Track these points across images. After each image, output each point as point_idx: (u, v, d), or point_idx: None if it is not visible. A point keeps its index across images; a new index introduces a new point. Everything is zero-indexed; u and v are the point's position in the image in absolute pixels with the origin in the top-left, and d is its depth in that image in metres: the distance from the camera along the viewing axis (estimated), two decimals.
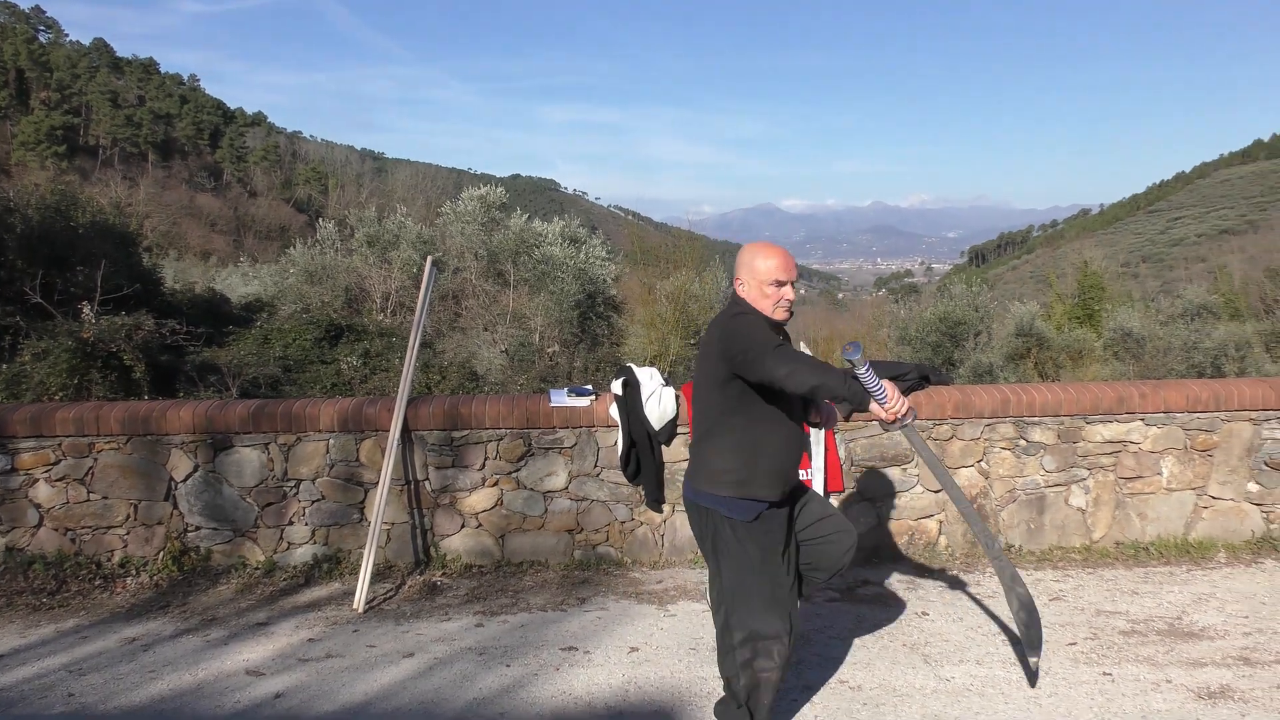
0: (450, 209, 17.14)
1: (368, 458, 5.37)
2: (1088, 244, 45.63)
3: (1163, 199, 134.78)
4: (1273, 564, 5.41)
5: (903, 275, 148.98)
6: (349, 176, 57.13)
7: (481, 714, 3.75)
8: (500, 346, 13.99)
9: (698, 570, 5.38)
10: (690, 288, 15.87)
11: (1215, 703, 3.82)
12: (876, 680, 4.04)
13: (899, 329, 17.50)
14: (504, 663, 4.22)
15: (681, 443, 5.45)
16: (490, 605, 4.91)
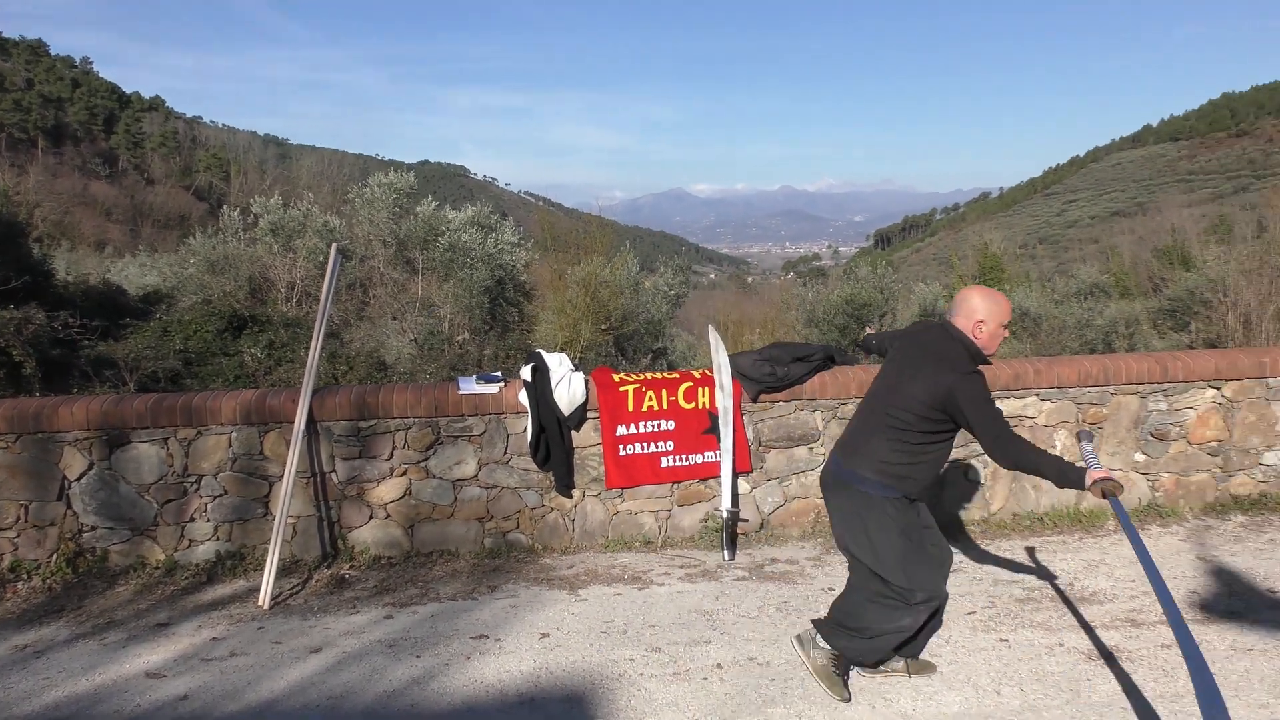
0: (358, 196, 16.82)
1: (272, 451, 5.26)
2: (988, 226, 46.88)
3: (1058, 182, 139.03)
4: (1157, 529, 5.65)
5: (811, 258, 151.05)
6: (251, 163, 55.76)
7: (391, 707, 3.72)
8: (409, 335, 13.80)
9: (608, 554, 5.41)
10: (601, 274, 15.85)
11: (1105, 663, 3.99)
12: (785, 656, 4.11)
13: (806, 311, 17.74)
14: (414, 654, 4.19)
15: (591, 427, 5.46)
16: (400, 597, 4.87)
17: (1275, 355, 5.95)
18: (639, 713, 3.63)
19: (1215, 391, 5.91)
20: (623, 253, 17.23)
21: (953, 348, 3.60)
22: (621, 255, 17.12)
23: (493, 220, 15.53)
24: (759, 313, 24.35)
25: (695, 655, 4.14)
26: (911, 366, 3.63)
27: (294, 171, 26.90)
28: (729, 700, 3.72)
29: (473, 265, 14.24)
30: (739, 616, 4.55)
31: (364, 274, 15.98)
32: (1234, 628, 4.30)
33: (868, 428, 3.70)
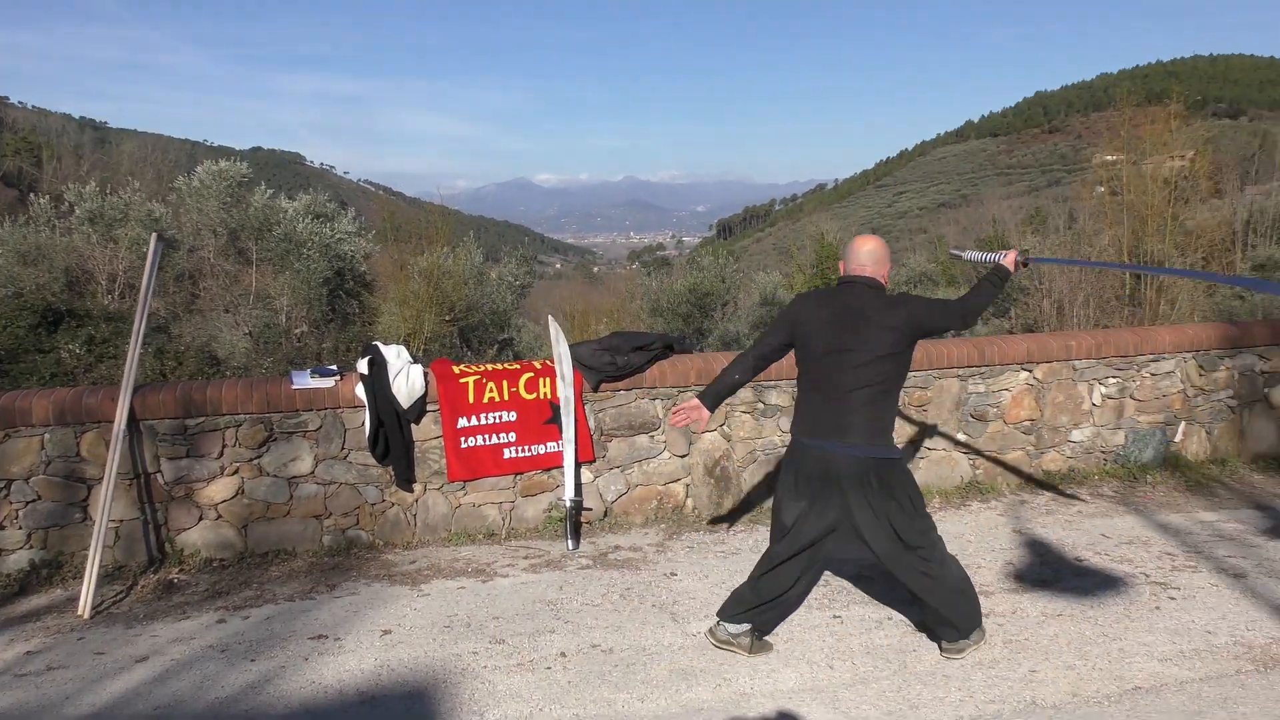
0: (185, 183, 16.07)
1: (90, 452, 4.99)
2: (824, 217, 48.35)
3: (889, 174, 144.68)
4: (978, 505, 5.97)
5: (655, 248, 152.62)
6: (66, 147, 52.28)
7: (225, 715, 3.60)
8: (244, 329, 13.31)
9: (452, 548, 5.37)
10: (444, 264, 15.64)
11: (930, 634, 4.20)
12: (628, 642, 4.18)
13: (651, 301, 17.96)
14: (249, 658, 4.06)
15: (432, 420, 5.40)
16: (233, 600, 4.70)
17: (1081, 339, 6.37)
18: (481, 705, 3.62)
19: (1028, 374, 6.29)
20: (466, 243, 17.04)
21: (883, 294, 3.92)
22: (465, 245, 16.93)
23: (330, 209, 15.11)
24: (605, 303, 24.50)
25: (539, 645, 4.15)
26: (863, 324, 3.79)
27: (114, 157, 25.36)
28: (573, 688, 3.75)
29: (310, 256, 13.83)
30: (583, 605, 4.59)
31: (193, 265, 15.30)
32: (1045, 595, 4.59)
33: (866, 403, 3.79)
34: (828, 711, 3.55)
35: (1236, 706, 3.52)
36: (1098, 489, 6.23)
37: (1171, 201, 17.58)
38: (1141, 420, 6.53)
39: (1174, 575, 4.81)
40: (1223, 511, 5.81)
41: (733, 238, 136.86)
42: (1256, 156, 33.44)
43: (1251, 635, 4.12)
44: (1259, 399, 6.77)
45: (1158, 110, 18.71)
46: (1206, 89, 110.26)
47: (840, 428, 3.75)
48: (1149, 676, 3.78)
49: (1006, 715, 3.50)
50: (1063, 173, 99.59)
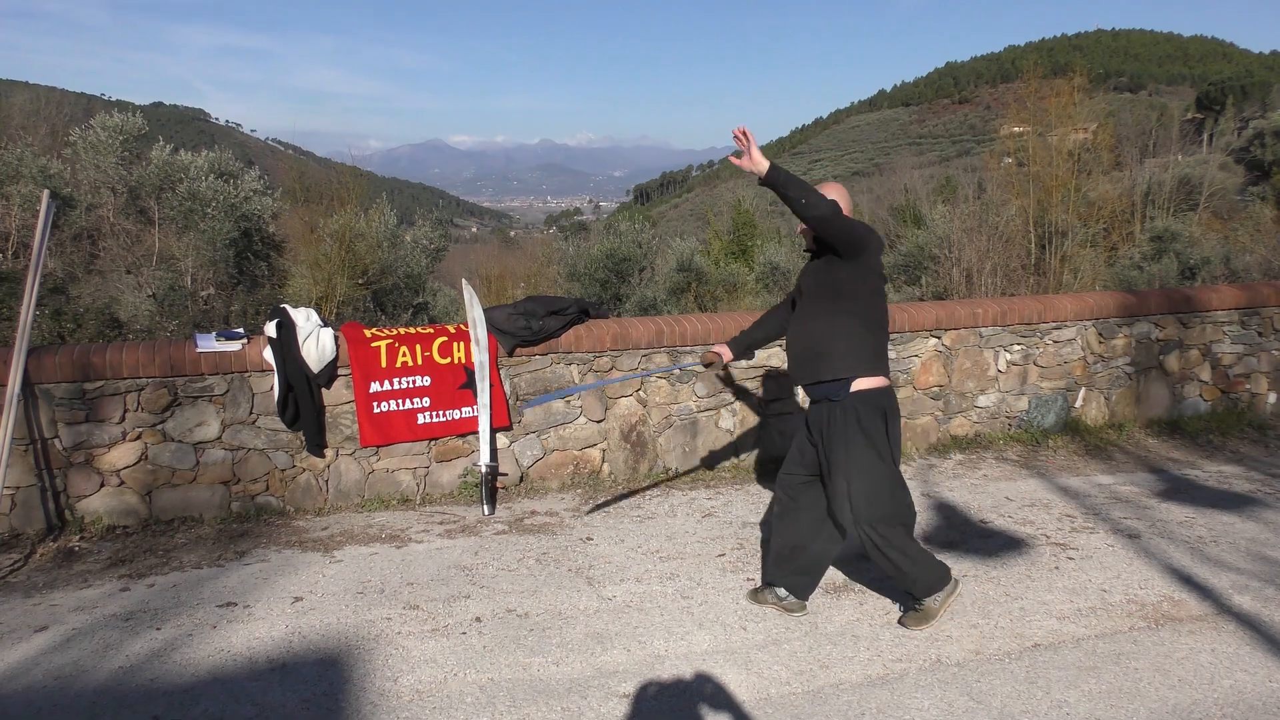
0: (81, 138, 15.42)
1: None
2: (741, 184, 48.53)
3: (804, 142, 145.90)
4: None
5: (572, 213, 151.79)
6: None
7: (129, 682, 3.51)
8: (147, 290, 12.87)
9: (365, 514, 5.30)
10: (356, 226, 15.32)
11: (839, 595, 4.30)
12: (543, 606, 4.18)
13: (568, 266, 17.85)
14: (154, 626, 3.96)
15: (343, 384, 5.31)
16: (137, 567, 4.58)
17: (987, 306, 6.52)
18: (396, 671, 3.59)
19: (937, 340, 6.42)
20: (379, 205, 16.71)
21: None
22: (378, 207, 16.60)
23: (236, 167, 14.63)
24: (521, 267, 24.29)
25: (454, 610, 4.13)
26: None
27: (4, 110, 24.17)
28: (487, 653, 3.75)
29: (214, 216, 13.40)
30: (499, 570, 4.58)
31: (92, 224, 14.69)
32: (950, 556, 4.71)
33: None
34: (740, 672, 3.61)
35: (1129, 662, 3.67)
36: (1003, 453, 6.41)
37: (1075, 173, 18.04)
38: (1044, 386, 6.73)
39: (1073, 536, 4.99)
40: (1119, 475, 6.04)
41: (650, 203, 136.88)
42: (1155, 130, 34.46)
43: (1144, 594, 4.30)
44: (1154, 366, 7.03)
45: (1062, 83, 19.13)
46: (1108, 63, 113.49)
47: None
48: (1048, 634, 3.92)
49: (913, 673, 3.60)
50: (972, 143, 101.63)
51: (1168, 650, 3.77)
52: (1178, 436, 6.83)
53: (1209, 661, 3.67)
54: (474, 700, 3.39)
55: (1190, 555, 4.72)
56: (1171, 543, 4.88)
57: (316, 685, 3.50)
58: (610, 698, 3.42)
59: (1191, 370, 7.16)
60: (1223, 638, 3.87)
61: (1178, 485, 5.82)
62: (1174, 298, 7.06)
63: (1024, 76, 21.09)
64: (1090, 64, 23.42)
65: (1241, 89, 73.54)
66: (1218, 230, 22.72)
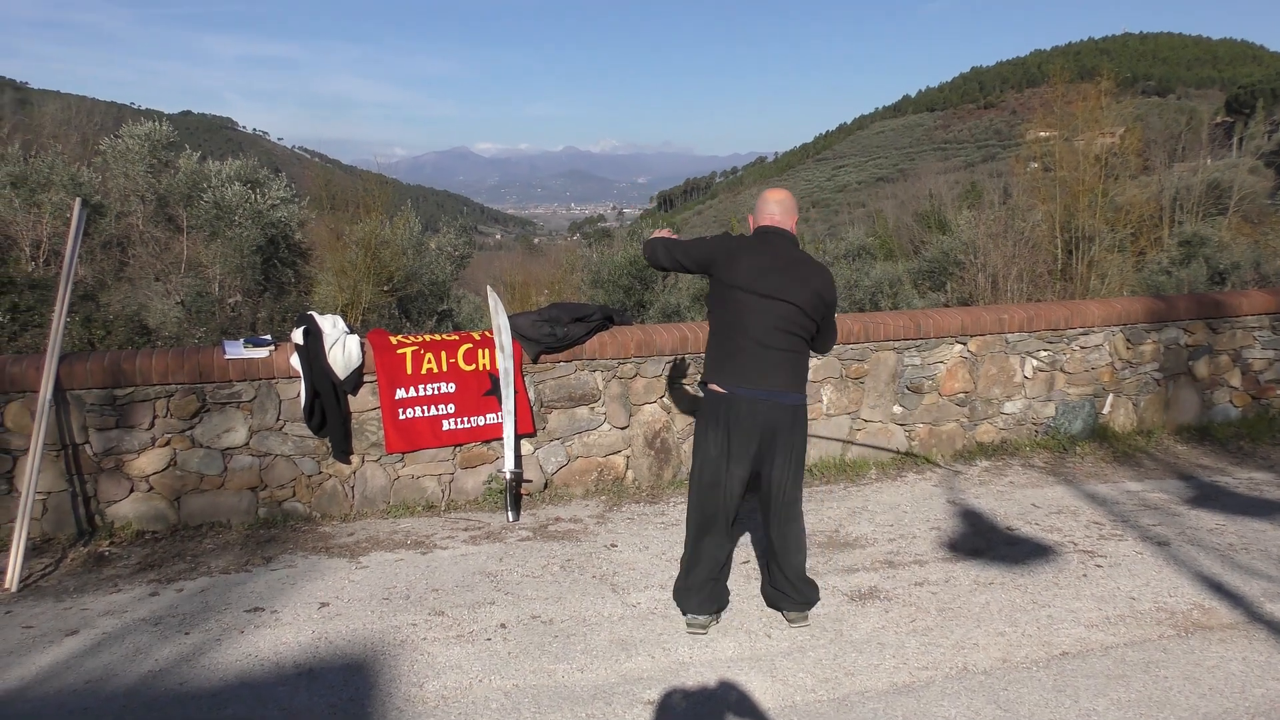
0: (111, 147, 15.59)
1: (15, 422, 4.85)
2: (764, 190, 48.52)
3: (828, 148, 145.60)
4: (914, 477, 6.07)
5: (596, 220, 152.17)
6: None
7: (158, 686, 3.55)
8: (175, 297, 12.99)
9: (390, 520, 5.33)
10: (382, 233, 15.42)
11: (865, 603, 4.28)
12: (568, 612, 4.19)
13: (592, 272, 17.87)
14: (183, 630, 4.00)
15: (369, 391, 5.34)
16: (166, 572, 4.62)
17: (1013, 312, 6.48)
18: (421, 676, 3.61)
19: (962, 347, 6.39)
20: (404, 212, 16.81)
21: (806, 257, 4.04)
22: (403, 214, 16.70)
23: (262, 175, 14.76)
24: (545, 274, 24.36)
25: (479, 617, 4.15)
26: (790, 278, 3.89)
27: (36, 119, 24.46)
28: (513, 659, 3.76)
29: (241, 223, 13.52)
30: (523, 576, 4.59)
31: (121, 231, 14.86)
32: (977, 564, 4.69)
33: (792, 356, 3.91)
34: (766, 679, 3.60)
35: (1159, 670, 3.64)
36: (1029, 460, 6.36)
37: (1102, 177, 17.92)
38: (1071, 393, 6.68)
39: (1101, 544, 4.95)
40: (1148, 481, 5.98)
41: (674, 210, 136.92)
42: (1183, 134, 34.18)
43: (1173, 601, 4.25)
44: (1183, 372, 6.96)
45: (1089, 87, 19.03)
46: (1136, 67, 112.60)
47: (768, 374, 3.84)
48: (1076, 642, 3.89)
49: (939, 681, 3.58)
50: (998, 148, 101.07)
51: (1198, 659, 3.73)
52: (1207, 443, 6.75)
53: (1240, 670, 3.63)
54: (499, 706, 3.40)
55: (1220, 563, 4.67)
56: (1201, 550, 4.83)
57: (343, 691, 3.52)
58: (635, 704, 3.42)
59: (1221, 376, 7.08)
60: (1254, 646, 3.82)
61: (1207, 492, 5.76)
62: (1203, 303, 6.99)
63: (1050, 81, 20.99)
64: (1117, 68, 23.31)
65: (1272, 92, 72.79)
66: (1248, 235, 22.50)
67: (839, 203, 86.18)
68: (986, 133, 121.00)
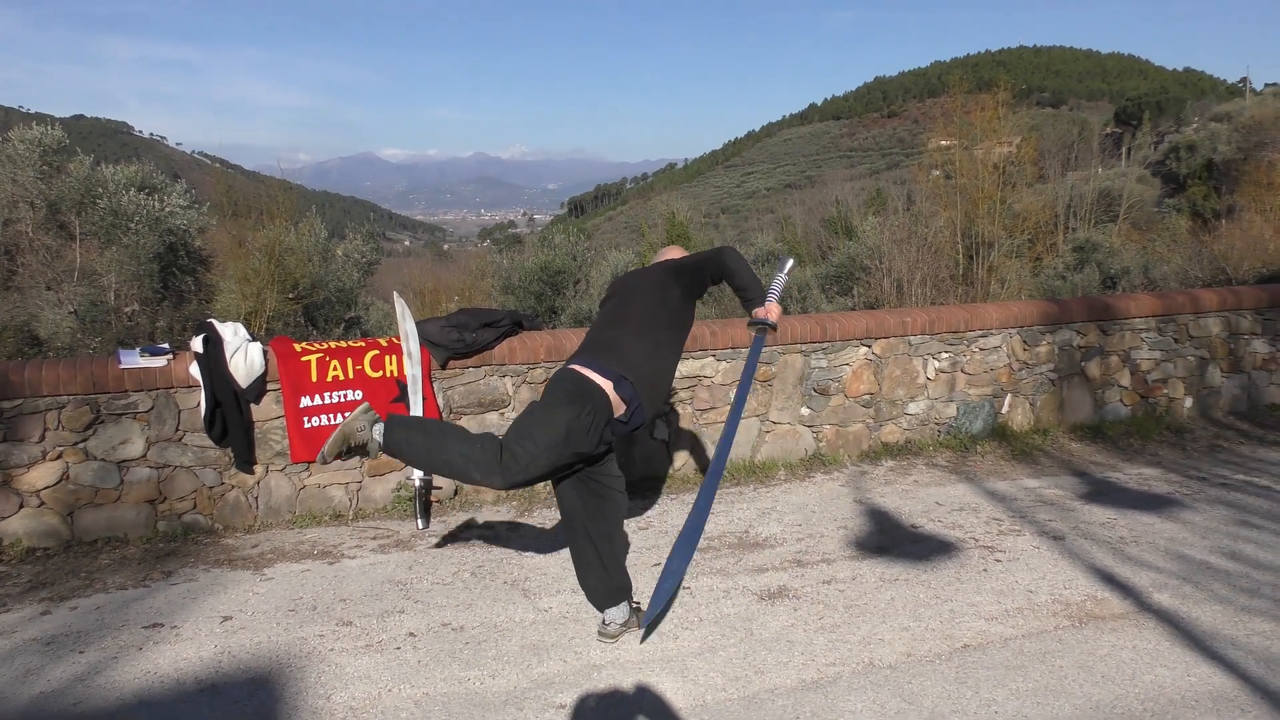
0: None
1: None
2: (675, 196, 48.87)
3: (737, 155, 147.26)
4: (821, 477, 6.18)
5: (506, 226, 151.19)
6: None
7: (51, 708, 3.42)
8: (68, 307, 12.54)
9: (296, 530, 5.22)
10: (286, 240, 15.12)
11: (774, 602, 4.33)
12: (478, 619, 4.16)
13: (502, 279, 17.79)
14: (77, 649, 3.86)
15: (273, 399, 5.23)
16: (58, 590, 4.46)
17: (915, 315, 6.64)
18: (329, 688, 3.55)
19: (867, 349, 6.52)
20: (309, 218, 16.50)
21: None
22: (308, 221, 16.40)
23: (160, 181, 14.34)
24: (456, 281, 24.12)
25: (388, 626, 4.09)
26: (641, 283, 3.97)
27: None
28: (423, 668, 3.72)
29: (138, 230, 13.12)
30: (433, 584, 4.54)
31: (9, 239, 14.30)
32: (882, 561, 4.79)
33: (637, 337, 3.83)
34: (676, 680, 3.62)
35: (1055, 660, 3.76)
36: (932, 459, 6.53)
37: (1000, 185, 18.46)
38: (972, 393, 6.87)
39: (1001, 539, 5.09)
40: (1044, 478, 6.18)
41: (585, 216, 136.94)
42: (1076, 144, 35.40)
43: (1069, 593, 4.40)
44: (1077, 372, 7.21)
45: (987, 98, 19.60)
46: (1031, 78, 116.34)
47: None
48: (977, 635, 3.99)
49: (846, 677, 3.65)
50: (901, 156, 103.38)
51: (1091, 648, 3.86)
52: (1100, 440, 7.01)
53: (1130, 658, 3.77)
54: (409, 715, 3.36)
55: (1112, 555, 4.84)
56: (1094, 543, 5.01)
57: (247, 705, 3.44)
58: (548, 709, 3.41)
59: (1112, 376, 7.36)
60: (1144, 635, 3.98)
61: (1100, 488, 5.98)
62: (1095, 306, 7.26)
63: (950, 91, 21.58)
64: (1014, 79, 24.05)
65: (1157, 104, 75.77)
66: (1136, 241, 23.41)
67: (748, 209, 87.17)
68: (890, 141, 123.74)
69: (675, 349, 3.96)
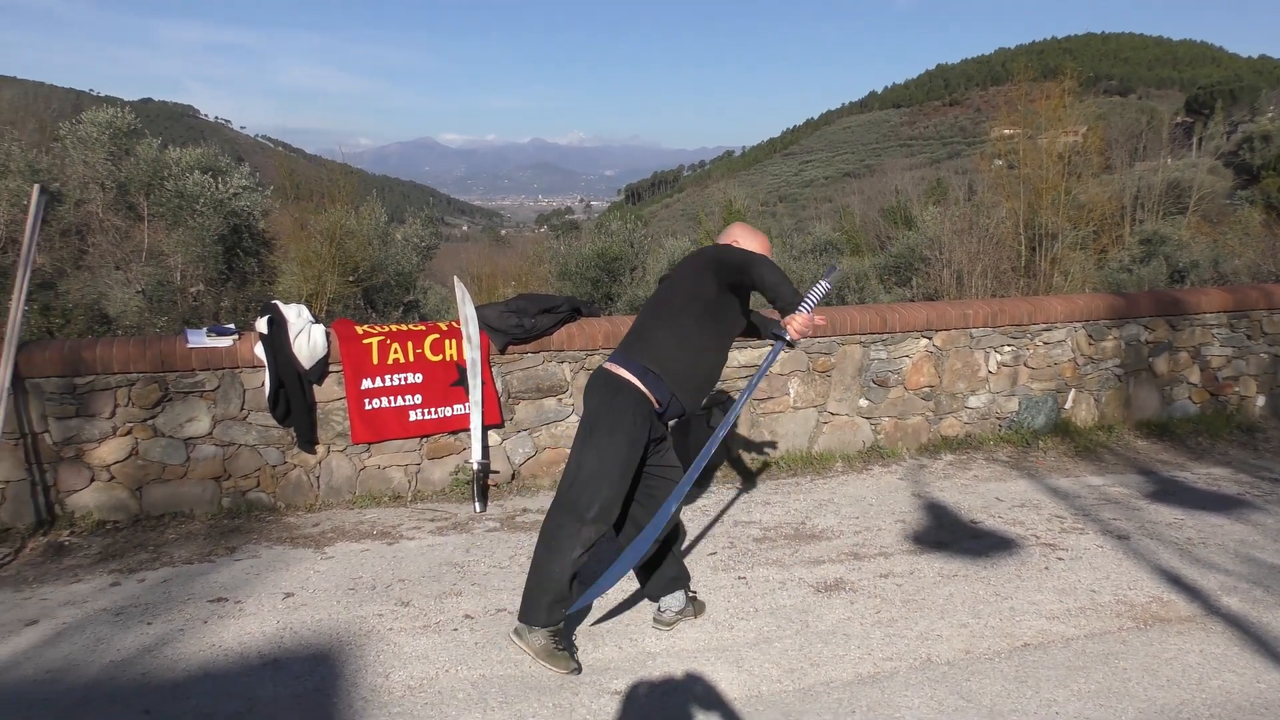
0: (70, 133, 15.34)
1: None
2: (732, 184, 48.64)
3: (795, 143, 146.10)
4: (879, 470, 6.12)
5: (563, 212, 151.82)
6: None
7: (120, 677, 3.51)
8: (136, 286, 12.82)
9: (356, 510, 5.29)
10: (347, 223, 15.31)
11: (831, 594, 4.30)
12: None
13: (559, 265, 17.85)
14: (145, 621, 3.95)
15: (335, 381, 5.30)
16: (127, 562, 4.57)
17: (977, 307, 6.54)
18: (387, 666, 3.59)
19: (928, 341, 6.44)
20: (370, 202, 16.69)
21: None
22: (368, 205, 16.58)
23: (224, 164, 14.59)
24: (512, 266, 24.27)
25: (445, 607, 4.13)
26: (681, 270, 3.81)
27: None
28: (479, 649, 3.75)
29: (203, 212, 13.36)
30: (490, 567, 4.58)
31: (80, 219, 14.63)
32: (941, 556, 4.74)
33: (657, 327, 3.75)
34: (731, 670, 3.61)
35: (1118, 662, 3.69)
36: (993, 454, 6.43)
37: (1065, 176, 18.11)
38: (1034, 387, 6.76)
39: (1063, 537, 5.01)
40: (1109, 476, 6.07)
41: (641, 203, 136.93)
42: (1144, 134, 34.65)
43: (1133, 594, 4.32)
44: (1144, 368, 7.06)
45: (1052, 86, 19.21)
46: (1098, 66, 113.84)
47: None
48: (1037, 634, 3.93)
49: (903, 672, 3.61)
50: (963, 145, 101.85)
51: (1156, 651, 3.79)
52: (1167, 439, 6.86)
53: (1197, 662, 3.69)
54: (465, 696, 3.40)
55: (1179, 556, 4.74)
56: (1160, 544, 4.91)
57: (308, 680, 3.49)
58: (602, 694, 3.42)
59: (1180, 373, 7.19)
60: (1211, 639, 3.89)
61: (1167, 487, 5.86)
62: (1163, 300, 7.09)
63: (1014, 79, 21.18)
64: (1080, 67, 23.56)
65: (1230, 93, 73.91)
66: (1207, 234, 22.86)
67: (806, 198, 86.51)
68: (952, 130, 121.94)
69: (712, 341, 3.76)
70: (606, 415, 3.61)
